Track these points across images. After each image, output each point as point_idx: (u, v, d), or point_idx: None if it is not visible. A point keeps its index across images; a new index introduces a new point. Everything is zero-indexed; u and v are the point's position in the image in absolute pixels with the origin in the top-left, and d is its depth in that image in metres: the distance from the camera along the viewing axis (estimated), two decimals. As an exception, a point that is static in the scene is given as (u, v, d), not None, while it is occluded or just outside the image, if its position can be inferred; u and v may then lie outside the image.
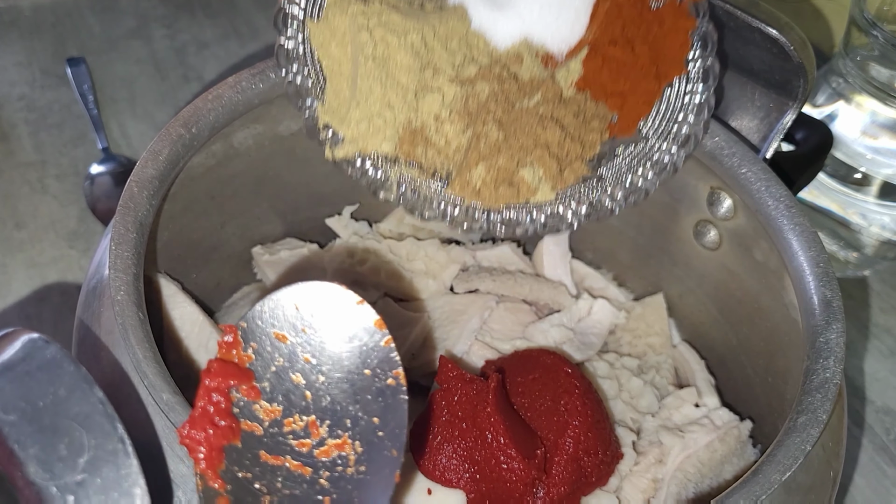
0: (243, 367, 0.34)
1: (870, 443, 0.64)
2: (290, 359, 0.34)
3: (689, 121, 0.48)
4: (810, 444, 0.39)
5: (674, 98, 0.49)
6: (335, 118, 0.48)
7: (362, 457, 0.33)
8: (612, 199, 0.49)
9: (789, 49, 0.48)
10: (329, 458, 0.33)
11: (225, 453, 0.33)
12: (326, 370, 0.34)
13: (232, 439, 0.33)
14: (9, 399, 0.32)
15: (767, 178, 0.48)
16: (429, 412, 0.48)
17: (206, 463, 0.33)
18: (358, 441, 0.33)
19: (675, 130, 0.49)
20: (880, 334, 0.70)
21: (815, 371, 0.41)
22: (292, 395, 0.34)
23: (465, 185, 0.48)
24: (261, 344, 0.35)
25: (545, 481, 0.47)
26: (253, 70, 0.50)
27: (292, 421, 0.33)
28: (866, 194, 0.67)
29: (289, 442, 0.34)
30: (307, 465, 0.34)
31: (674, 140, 0.49)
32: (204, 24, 0.91)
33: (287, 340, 0.35)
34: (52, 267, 0.68)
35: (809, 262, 0.45)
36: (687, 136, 0.49)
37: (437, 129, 0.48)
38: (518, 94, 0.48)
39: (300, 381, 0.34)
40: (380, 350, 0.34)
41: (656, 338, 0.59)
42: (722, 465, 0.50)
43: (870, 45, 0.63)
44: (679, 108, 0.49)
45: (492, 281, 0.59)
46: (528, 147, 0.47)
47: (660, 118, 0.49)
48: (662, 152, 0.49)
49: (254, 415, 0.34)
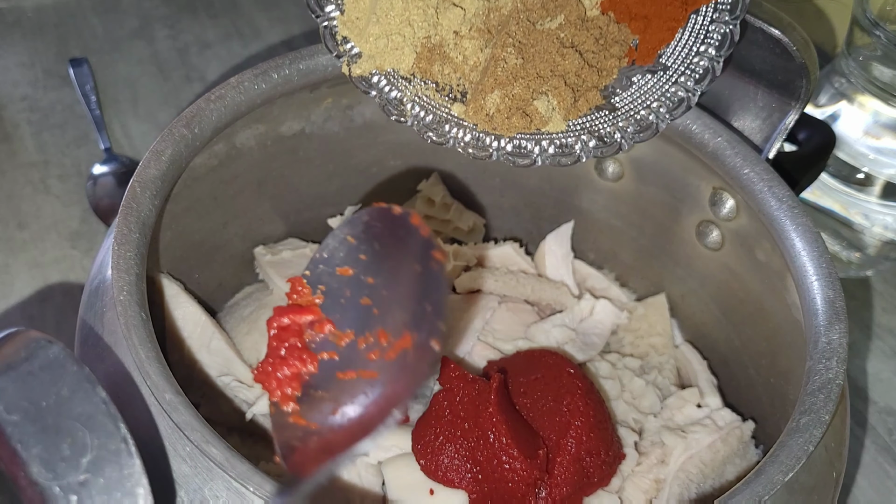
0: (310, 306, 0.37)
1: (872, 443, 0.64)
2: (355, 287, 0.37)
3: (709, 53, 0.47)
4: (813, 445, 0.39)
5: (697, 27, 0.47)
6: (353, 32, 0.48)
7: (417, 343, 0.35)
8: (623, 133, 0.48)
9: (792, 49, 0.48)
10: (395, 358, 0.35)
11: (302, 381, 0.35)
12: (388, 282, 0.36)
13: (309, 370, 0.36)
14: (12, 399, 0.32)
15: (770, 178, 0.48)
16: (431, 412, 0.48)
17: (280, 395, 0.35)
18: (417, 332, 0.35)
19: (695, 63, 0.47)
20: (883, 335, 0.70)
21: (818, 371, 0.41)
22: (362, 316, 0.36)
23: (479, 110, 0.47)
24: (328, 284, 0.38)
25: (547, 482, 0.47)
26: (255, 70, 0.50)
27: (364, 339, 0.35)
28: (869, 194, 0.67)
29: (362, 357, 0.36)
30: (376, 370, 0.36)
31: (691, 73, 0.47)
32: (206, 24, 0.91)
33: (350, 272, 0.37)
34: (55, 267, 0.68)
35: (812, 262, 0.45)
36: (706, 70, 0.47)
37: (456, 44, 0.47)
38: (541, 11, 0.47)
39: (367, 302, 0.36)
40: (421, 241, 0.36)
41: (658, 338, 0.59)
42: (724, 466, 0.50)
43: (872, 45, 0.63)
44: (701, 40, 0.47)
45: (494, 281, 0.59)
46: (546, 76, 0.46)
47: (680, 48, 0.47)
48: (678, 86, 0.47)
49: (330, 344, 0.36)
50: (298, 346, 0.36)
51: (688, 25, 0.47)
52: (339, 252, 0.38)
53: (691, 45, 0.47)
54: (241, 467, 0.35)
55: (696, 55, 0.47)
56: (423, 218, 0.62)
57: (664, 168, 0.55)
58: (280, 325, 0.37)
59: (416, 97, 0.49)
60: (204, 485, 0.36)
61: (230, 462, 0.35)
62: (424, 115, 0.49)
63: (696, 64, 0.47)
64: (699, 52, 0.47)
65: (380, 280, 0.36)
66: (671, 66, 0.48)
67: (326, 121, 0.56)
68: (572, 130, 0.48)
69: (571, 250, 0.62)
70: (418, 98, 0.49)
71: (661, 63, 0.48)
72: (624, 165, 0.58)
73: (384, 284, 0.36)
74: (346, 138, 0.58)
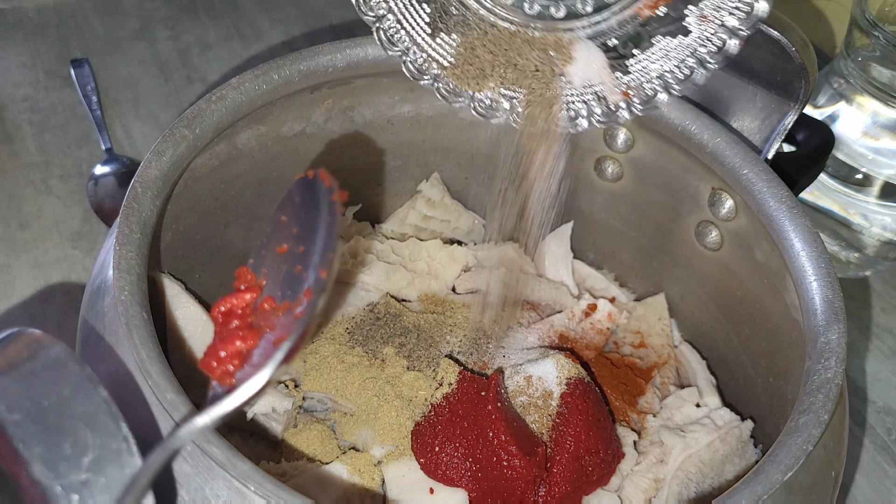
0: (251, 289, 0.40)
1: (871, 443, 0.64)
2: (291, 260, 0.39)
3: (731, 24, 0.45)
4: (812, 445, 0.39)
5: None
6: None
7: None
8: (629, 107, 0.48)
9: (791, 50, 0.48)
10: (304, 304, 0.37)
11: (243, 357, 0.37)
12: (311, 244, 0.38)
13: (249, 345, 0.37)
14: (13, 398, 0.32)
15: (769, 178, 0.49)
16: (430, 411, 0.49)
17: (220, 373, 0.36)
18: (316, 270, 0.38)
19: (716, 27, 0.45)
20: (882, 334, 0.71)
21: (817, 371, 0.42)
22: (296, 283, 0.38)
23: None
24: (269, 266, 0.40)
25: (547, 480, 0.47)
26: (256, 71, 0.50)
27: (297, 303, 0.37)
28: (867, 195, 0.68)
29: (292, 319, 0.37)
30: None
31: (709, 38, 0.46)
32: (207, 25, 0.91)
33: (286, 248, 0.40)
34: (56, 267, 0.68)
35: (811, 262, 0.46)
36: (720, 45, 0.45)
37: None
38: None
39: (300, 269, 0.38)
40: (327, 193, 0.39)
41: (658, 338, 0.59)
42: (723, 465, 0.50)
43: (871, 45, 0.63)
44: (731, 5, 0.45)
45: (494, 281, 0.59)
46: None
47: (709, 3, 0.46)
48: (695, 57, 0.46)
49: (270, 318, 0.38)
50: (239, 325, 0.38)
51: None
52: (275, 234, 0.41)
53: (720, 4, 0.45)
54: (242, 466, 0.35)
55: (723, 17, 0.45)
56: (424, 218, 0.63)
57: (663, 168, 0.55)
58: (223, 312, 0.39)
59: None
60: (205, 484, 0.36)
61: (231, 461, 0.35)
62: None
63: (717, 30, 0.45)
64: (725, 15, 0.45)
65: (307, 245, 0.38)
66: (692, 25, 0.46)
67: (327, 121, 0.56)
68: (578, 94, 0.48)
69: (571, 250, 0.62)
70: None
71: (684, 25, 0.46)
72: (623, 165, 0.58)
73: (310, 248, 0.38)
74: (346, 139, 0.58)
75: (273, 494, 0.35)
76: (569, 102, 0.49)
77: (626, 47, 0.48)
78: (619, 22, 0.48)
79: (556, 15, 0.48)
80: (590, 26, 0.48)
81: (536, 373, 0.50)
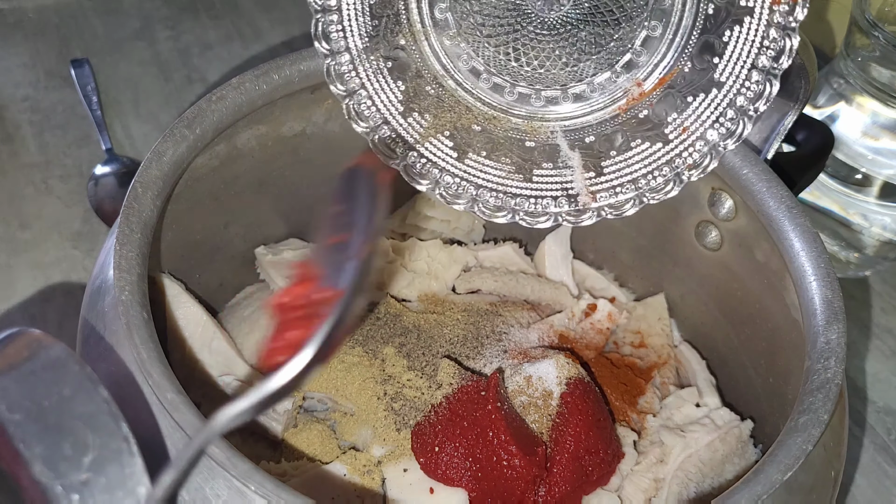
0: (308, 281, 0.39)
1: (871, 443, 0.64)
2: (345, 248, 0.39)
3: (712, 138, 0.45)
4: (812, 444, 0.39)
5: (753, 36, 0.44)
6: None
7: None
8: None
9: (790, 50, 0.48)
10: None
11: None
12: (354, 231, 0.39)
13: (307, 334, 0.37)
14: (14, 398, 0.32)
15: (769, 178, 0.49)
16: (430, 411, 0.49)
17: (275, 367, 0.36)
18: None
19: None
20: (881, 334, 0.71)
21: (817, 371, 0.42)
22: (350, 270, 0.38)
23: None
24: (323, 256, 0.40)
25: (547, 479, 0.47)
26: (256, 71, 0.50)
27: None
28: (867, 195, 0.68)
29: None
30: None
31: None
32: (207, 25, 0.91)
33: (340, 238, 0.39)
34: (57, 267, 0.68)
35: (811, 262, 0.46)
36: (759, 87, 0.44)
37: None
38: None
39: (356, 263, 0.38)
40: (370, 189, 0.40)
41: (657, 338, 0.59)
42: (723, 465, 0.50)
43: (871, 46, 0.63)
44: (757, 51, 0.44)
45: (493, 281, 0.59)
46: None
47: (734, 61, 0.45)
48: (732, 107, 0.46)
49: (326, 306, 0.37)
50: (299, 315, 0.38)
51: (742, 33, 0.45)
52: (328, 227, 0.41)
53: (745, 58, 0.45)
54: (243, 466, 0.35)
55: (752, 68, 0.45)
56: (424, 218, 0.63)
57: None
58: (281, 304, 0.38)
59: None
60: (205, 483, 0.36)
61: (231, 461, 0.35)
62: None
63: (751, 81, 0.45)
64: (754, 64, 0.45)
65: (351, 233, 0.39)
66: (725, 82, 0.45)
67: (327, 121, 0.56)
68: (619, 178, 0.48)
69: (571, 250, 0.62)
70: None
71: (715, 79, 0.46)
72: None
73: (352, 236, 0.39)
74: (346, 139, 0.58)
75: (273, 494, 0.35)
76: (536, 197, 0.49)
77: (604, 146, 0.48)
78: (598, 120, 0.47)
79: (534, 103, 0.48)
80: (569, 118, 0.48)
81: (536, 373, 0.50)
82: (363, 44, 0.47)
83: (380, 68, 0.48)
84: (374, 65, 0.47)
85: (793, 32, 0.43)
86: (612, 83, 0.47)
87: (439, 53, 0.47)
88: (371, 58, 0.47)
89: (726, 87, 0.46)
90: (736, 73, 0.45)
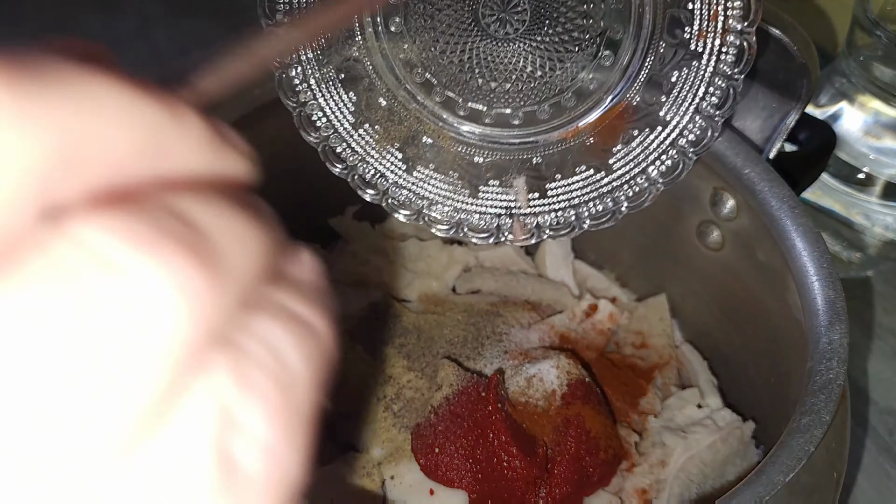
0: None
1: (873, 444, 0.64)
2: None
3: (708, 111, 0.44)
4: (814, 445, 0.39)
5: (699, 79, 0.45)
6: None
7: None
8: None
9: (792, 49, 0.48)
10: None
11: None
12: None
13: None
14: None
15: (770, 178, 0.48)
16: (430, 412, 0.48)
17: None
18: None
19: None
20: (884, 335, 0.70)
21: (819, 372, 0.41)
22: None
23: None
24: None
25: (547, 480, 0.47)
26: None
27: None
28: (869, 194, 0.67)
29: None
30: None
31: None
32: (207, 25, 0.91)
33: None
34: (55, 267, 0.68)
35: (813, 262, 0.45)
36: (703, 130, 0.45)
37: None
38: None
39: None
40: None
41: (659, 338, 0.58)
42: (725, 466, 0.50)
43: (873, 45, 0.63)
44: (702, 94, 0.45)
45: (494, 281, 0.59)
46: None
47: (679, 104, 0.46)
48: (675, 146, 0.46)
49: None
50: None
51: (687, 79, 0.45)
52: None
53: (690, 102, 0.46)
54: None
55: (697, 112, 0.45)
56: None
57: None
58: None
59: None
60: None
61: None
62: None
63: (694, 124, 0.45)
64: (698, 108, 0.45)
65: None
66: (670, 122, 0.46)
67: (327, 121, 0.56)
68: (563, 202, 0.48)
69: (572, 250, 0.62)
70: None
71: (661, 118, 0.46)
72: (624, 165, 0.58)
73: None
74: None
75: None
76: (481, 213, 0.49)
77: (549, 170, 0.48)
78: (546, 142, 0.47)
79: (485, 120, 0.48)
80: (518, 136, 0.48)
81: (537, 373, 0.50)
82: (315, 55, 0.47)
83: (331, 79, 0.48)
84: (325, 76, 0.47)
85: (736, 83, 0.44)
86: (563, 109, 0.47)
87: (393, 65, 0.47)
88: (322, 70, 0.47)
89: (670, 126, 0.46)
90: (680, 114, 0.45)
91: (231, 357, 0.15)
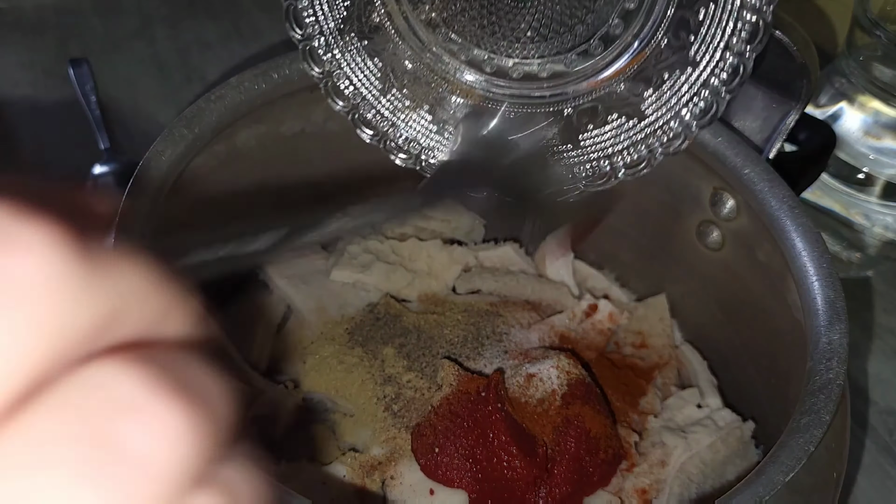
0: None
1: (873, 444, 0.64)
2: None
3: (739, 49, 0.43)
4: (813, 445, 0.39)
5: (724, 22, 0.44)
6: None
7: None
8: (651, 147, 0.47)
9: (792, 49, 0.48)
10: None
11: None
12: None
13: None
14: None
15: (770, 178, 0.48)
16: (430, 412, 0.48)
17: None
18: None
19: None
20: (884, 335, 0.70)
21: (819, 372, 0.41)
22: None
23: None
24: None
25: (547, 480, 0.47)
26: (255, 70, 0.50)
27: None
28: (869, 195, 0.67)
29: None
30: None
31: (721, 71, 0.44)
32: (207, 24, 0.91)
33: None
34: (55, 267, 0.68)
35: (812, 262, 0.45)
36: (734, 69, 0.44)
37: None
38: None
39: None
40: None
41: (659, 339, 0.58)
42: (724, 466, 0.50)
43: (873, 45, 0.63)
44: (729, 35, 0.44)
45: (494, 281, 0.59)
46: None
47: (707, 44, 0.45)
48: (707, 87, 0.45)
49: None
50: None
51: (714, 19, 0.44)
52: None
53: (719, 41, 0.44)
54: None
55: (726, 50, 0.44)
56: (424, 218, 0.62)
57: (664, 168, 0.55)
58: None
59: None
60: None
61: (230, 462, 0.35)
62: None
63: (725, 62, 0.44)
64: (728, 46, 0.44)
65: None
66: (700, 62, 0.45)
67: (327, 121, 0.56)
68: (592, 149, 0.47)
69: (572, 251, 0.62)
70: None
71: (691, 58, 0.45)
72: (624, 165, 0.58)
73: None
74: (346, 138, 0.58)
75: (273, 496, 0.35)
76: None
77: (580, 120, 0.47)
78: (575, 94, 0.47)
79: (513, 75, 0.47)
80: (548, 88, 0.47)
81: (537, 373, 0.50)
82: (336, 24, 0.47)
83: (355, 47, 0.47)
84: (349, 44, 0.47)
85: (765, 15, 0.43)
86: (590, 57, 0.46)
87: (416, 28, 0.47)
88: (345, 38, 0.47)
89: (701, 66, 0.45)
90: (710, 52, 0.45)
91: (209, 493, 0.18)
